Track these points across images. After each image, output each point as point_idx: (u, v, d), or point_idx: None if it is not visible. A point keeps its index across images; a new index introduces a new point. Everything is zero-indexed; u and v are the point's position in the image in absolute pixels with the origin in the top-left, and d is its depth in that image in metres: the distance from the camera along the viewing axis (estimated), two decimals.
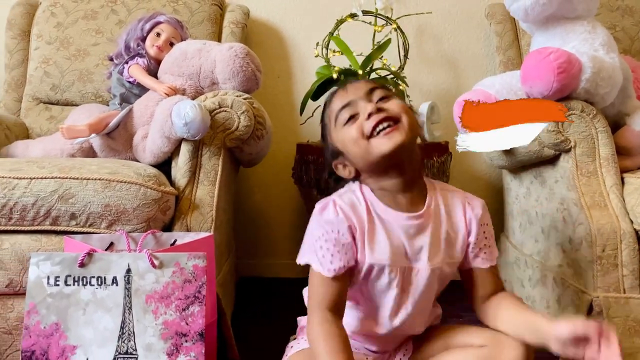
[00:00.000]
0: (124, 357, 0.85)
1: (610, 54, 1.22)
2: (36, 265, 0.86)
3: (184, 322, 0.86)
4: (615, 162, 1.15)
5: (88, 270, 0.86)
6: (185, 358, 0.86)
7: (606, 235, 1.09)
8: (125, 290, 0.86)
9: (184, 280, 0.87)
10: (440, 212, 0.87)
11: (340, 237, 0.82)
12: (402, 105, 0.82)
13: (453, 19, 1.88)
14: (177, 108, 1.10)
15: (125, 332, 0.85)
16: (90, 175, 1.04)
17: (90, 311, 0.85)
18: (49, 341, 0.84)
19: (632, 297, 1.08)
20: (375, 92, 0.84)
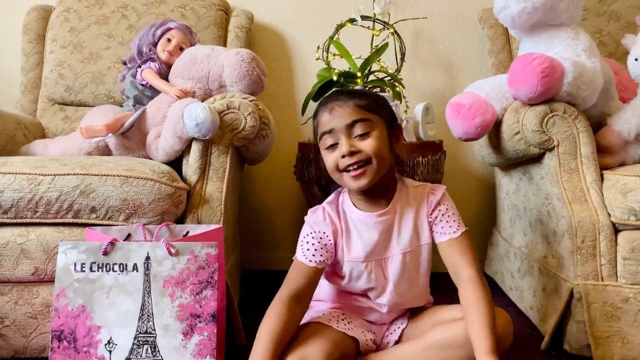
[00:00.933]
0: (143, 336, 0.93)
1: (592, 59, 1.30)
2: (64, 253, 0.94)
3: (198, 304, 0.95)
4: (595, 159, 1.24)
5: (111, 258, 0.95)
6: (199, 337, 0.94)
7: (585, 227, 1.18)
8: (145, 275, 0.95)
9: (197, 267, 0.96)
10: (406, 203, 1.01)
11: (324, 238, 0.99)
12: (375, 145, 0.94)
13: (448, 23, 1.96)
14: (189, 110, 1.19)
15: (145, 313, 0.94)
16: (109, 172, 1.13)
17: (113, 295, 0.94)
18: (76, 322, 0.93)
19: (609, 284, 1.16)
20: (356, 126, 0.95)
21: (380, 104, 1.01)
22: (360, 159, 0.94)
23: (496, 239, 1.77)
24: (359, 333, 1.01)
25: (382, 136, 0.97)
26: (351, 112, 0.96)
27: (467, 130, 1.33)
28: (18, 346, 1.14)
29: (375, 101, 1.01)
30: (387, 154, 0.97)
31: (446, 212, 1.01)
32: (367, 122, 0.96)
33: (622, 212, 1.15)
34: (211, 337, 0.95)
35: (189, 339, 0.95)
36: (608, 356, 1.14)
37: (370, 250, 0.99)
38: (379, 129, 0.97)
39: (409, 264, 1.01)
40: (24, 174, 1.12)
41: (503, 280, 1.68)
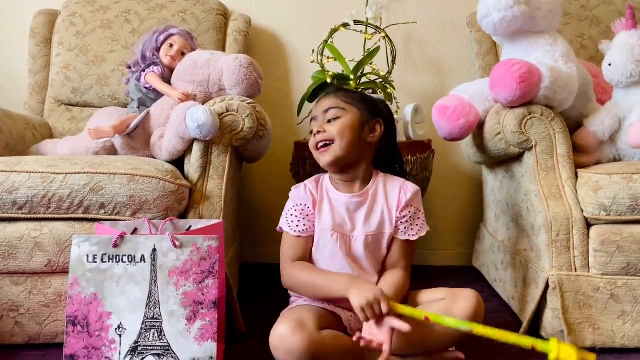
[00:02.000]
0: (151, 321, 1.02)
1: (569, 64, 1.39)
2: (77, 245, 1.03)
3: (200, 292, 1.04)
4: (570, 159, 1.33)
5: (120, 250, 1.03)
6: (201, 322, 1.03)
7: (560, 222, 1.26)
8: (152, 266, 1.03)
9: (200, 258, 1.04)
10: (379, 193, 1.15)
11: (305, 209, 1.15)
12: (339, 129, 1.11)
13: (438, 27, 2.05)
14: (191, 112, 1.27)
15: (152, 300, 1.02)
16: (117, 171, 1.22)
17: (122, 284, 1.02)
18: (89, 308, 1.02)
19: (581, 275, 1.25)
20: (329, 112, 1.13)
21: (360, 99, 1.17)
22: (325, 137, 1.12)
23: (483, 234, 1.86)
24: (339, 310, 1.11)
25: (350, 123, 1.13)
26: (329, 102, 1.15)
27: (452, 131, 1.41)
28: (32, 333, 1.23)
29: (356, 96, 1.18)
30: (352, 139, 1.12)
31: (414, 215, 1.15)
32: (339, 109, 1.14)
33: (594, 208, 1.24)
34: (212, 322, 1.04)
35: (192, 324, 1.03)
36: (580, 341, 1.23)
37: (337, 223, 1.13)
38: (350, 117, 1.13)
39: (372, 247, 1.14)
40: (38, 172, 1.20)
41: (489, 272, 1.77)
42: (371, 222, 1.14)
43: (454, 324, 0.94)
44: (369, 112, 1.16)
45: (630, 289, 1.24)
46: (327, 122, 1.14)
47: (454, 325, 0.94)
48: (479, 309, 1.03)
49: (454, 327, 0.94)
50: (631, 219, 1.23)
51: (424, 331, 1.03)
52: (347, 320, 1.12)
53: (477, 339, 1.17)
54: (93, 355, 1.00)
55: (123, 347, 1.01)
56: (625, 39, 1.40)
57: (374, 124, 1.16)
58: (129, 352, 1.01)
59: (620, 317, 1.24)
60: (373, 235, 1.14)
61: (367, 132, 1.15)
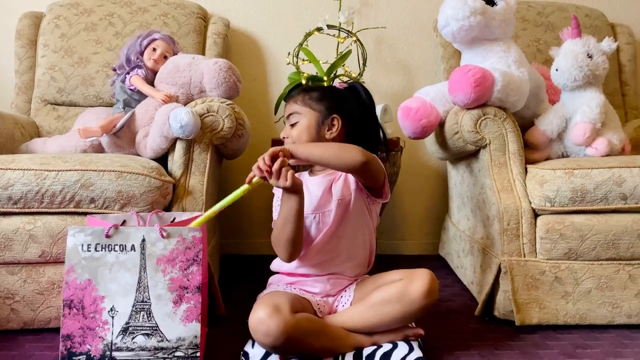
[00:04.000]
0: (140, 304, 1.12)
1: (521, 69, 1.52)
2: (73, 235, 1.12)
3: (186, 278, 1.14)
4: (520, 155, 1.46)
5: (112, 240, 1.13)
6: (186, 305, 1.14)
7: (511, 212, 1.40)
8: (141, 254, 1.13)
9: (185, 247, 1.15)
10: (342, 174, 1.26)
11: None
12: (298, 134, 1.26)
13: (406, 31, 2.17)
14: (174, 113, 1.38)
15: (142, 285, 1.13)
16: (106, 168, 1.31)
17: (114, 270, 1.12)
18: (84, 293, 1.12)
19: (529, 260, 1.39)
20: (290, 117, 1.29)
21: (321, 98, 1.28)
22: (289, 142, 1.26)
23: (447, 224, 2.00)
24: (309, 296, 1.24)
25: (306, 127, 1.26)
26: (290, 106, 1.29)
27: (415, 130, 1.54)
28: (27, 319, 1.33)
29: (318, 95, 1.29)
30: (307, 140, 1.25)
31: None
32: (297, 114, 1.27)
33: (540, 200, 1.38)
34: (197, 305, 1.14)
35: (178, 306, 1.14)
36: (527, 319, 1.38)
37: (316, 204, 1.24)
38: (306, 121, 1.26)
39: (342, 213, 1.24)
40: (32, 170, 1.29)
41: (452, 260, 1.91)
42: (337, 188, 1.25)
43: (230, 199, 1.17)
44: (328, 110, 1.26)
45: (571, 272, 1.38)
46: (290, 126, 1.28)
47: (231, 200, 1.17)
48: (432, 285, 1.16)
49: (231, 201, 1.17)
50: (572, 210, 1.37)
51: (381, 309, 1.16)
52: (317, 304, 1.24)
53: (437, 319, 1.30)
54: (88, 335, 1.11)
55: (115, 327, 1.11)
56: (571, 46, 1.55)
57: (331, 120, 1.26)
58: (120, 332, 1.11)
59: (563, 297, 1.39)
60: (341, 199, 1.23)
61: (324, 130, 1.26)
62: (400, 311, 1.15)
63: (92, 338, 1.11)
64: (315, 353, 1.15)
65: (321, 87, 1.40)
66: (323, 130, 1.27)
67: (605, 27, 2.05)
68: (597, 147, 1.49)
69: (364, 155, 1.13)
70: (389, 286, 1.17)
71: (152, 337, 1.12)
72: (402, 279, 1.17)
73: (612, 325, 1.40)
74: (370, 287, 1.22)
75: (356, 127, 1.30)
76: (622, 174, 1.36)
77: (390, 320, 1.17)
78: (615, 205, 1.37)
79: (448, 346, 1.26)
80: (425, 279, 1.15)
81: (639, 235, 1.36)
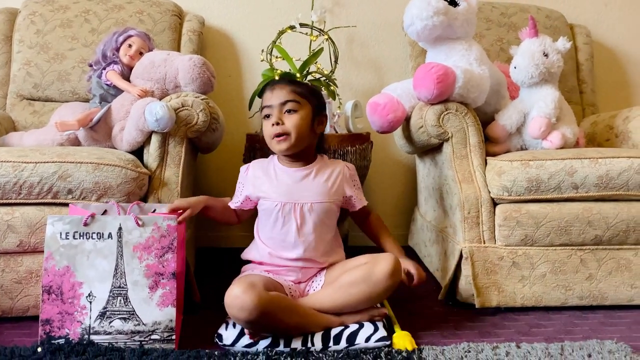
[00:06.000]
0: (117, 289, 1.18)
1: (482, 67, 1.61)
2: (52, 224, 1.17)
3: (161, 265, 1.20)
4: (481, 148, 1.55)
5: (90, 228, 1.18)
6: (162, 290, 1.19)
7: (471, 201, 1.49)
8: (118, 242, 1.19)
9: (160, 235, 1.20)
10: (324, 168, 1.35)
11: (240, 187, 1.41)
12: (296, 123, 1.28)
13: (377, 30, 2.25)
14: (149, 107, 1.42)
15: (118, 272, 1.18)
16: (83, 160, 1.36)
17: (92, 257, 1.18)
18: (62, 279, 1.16)
19: (489, 246, 1.48)
20: (287, 104, 1.29)
21: (311, 93, 1.35)
22: (283, 130, 1.29)
23: (416, 216, 2.09)
24: (282, 280, 1.31)
25: (305, 117, 1.31)
26: (286, 94, 1.31)
27: (382, 124, 1.62)
28: (5, 307, 1.36)
29: (307, 90, 1.35)
30: (305, 132, 1.31)
31: (358, 190, 1.41)
32: (296, 103, 1.30)
33: (498, 189, 1.47)
34: (172, 290, 1.20)
35: (154, 292, 1.19)
36: (487, 302, 1.46)
37: (283, 193, 1.32)
38: (305, 111, 1.31)
39: (319, 215, 1.32)
40: (9, 162, 1.32)
41: (420, 250, 1.99)
42: (317, 192, 1.32)
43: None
44: (318, 107, 1.36)
45: (528, 257, 1.47)
46: (283, 112, 1.30)
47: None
48: (395, 267, 1.24)
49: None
50: (528, 198, 1.46)
51: (348, 290, 1.23)
52: (289, 288, 1.31)
53: (402, 303, 1.38)
54: (66, 319, 1.15)
55: (93, 312, 1.16)
56: (528, 45, 1.64)
57: (322, 117, 1.36)
58: (98, 317, 1.16)
59: (520, 281, 1.48)
60: (319, 204, 1.32)
61: (316, 125, 1.35)
62: (366, 291, 1.23)
63: (71, 322, 1.16)
64: (287, 330, 1.21)
65: (306, 84, 1.45)
66: (315, 124, 1.35)
67: (564, 28, 2.16)
68: (552, 140, 1.59)
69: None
70: (356, 269, 1.25)
71: (129, 321, 1.17)
72: (367, 262, 1.25)
73: (565, 307, 1.50)
74: (338, 271, 1.29)
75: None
76: (573, 165, 1.45)
77: (357, 301, 1.24)
78: (568, 194, 1.46)
79: (412, 327, 1.33)
80: (389, 262, 1.23)
81: (589, 223, 1.46)
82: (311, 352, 1.17)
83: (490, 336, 1.33)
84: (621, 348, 1.21)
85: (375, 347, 1.21)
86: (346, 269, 1.29)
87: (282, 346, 1.20)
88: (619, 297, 1.49)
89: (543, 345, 1.22)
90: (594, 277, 1.49)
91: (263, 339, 1.21)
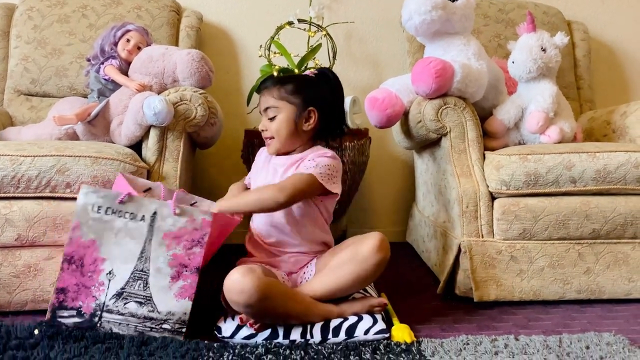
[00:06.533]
0: (139, 273, 1.15)
1: (480, 61, 1.61)
2: (85, 194, 1.15)
3: (187, 257, 1.18)
4: (479, 142, 1.55)
5: (125, 207, 1.15)
6: (183, 282, 1.17)
7: (469, 195, 1.49)
8: (150, 226, 1.16)
9: (193, 228, 1.18)
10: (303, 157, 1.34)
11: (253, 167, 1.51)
12: (275, 128, 1.35)
13: (375, 26, 2.25)
14: (148, 101, 1.42)
15: (144, 256, 1.16)
16: (81, 154, 1.35)
17: (120, 236, 1.15)
18: (86, 251, 1.14)
19: (487, 240, 1.48)
20: (267, 111, 1.35)
21: (296, 91, 1.34)
22: (267, 135, 1.37)
23: (414, 212, 2.09)
24: (275, 270, 1.32)
25: (285, 120, 1.34)
26: (266, 100, 1.35)
27: (381, 119, 1.62)
28: (2, 301, 1.35)
29: (291, 89, 1.34)
30: (288, 133, 1.34)
31: (313, 159, 1.32)
32: (275, 108, 1.34)
33: (496, 184, 1.47)
34: (192, 284, 1.18)
35: (175, 282, 1.17)
36: (485, 296, 1.47)
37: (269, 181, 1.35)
38: (285, 114, 1.34)
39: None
40: (7, 155, 1.32)
41: (418, 246, 2.00)
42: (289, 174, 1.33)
43: None
44: (304, 102, 1.34)
45: (526, 251, 1.48)
46: (268, 120, 1.35)
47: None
48: (382, 243, 1.24)
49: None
50: (526, 192, 1.47)
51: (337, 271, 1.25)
52: (282, 278, 1.32)
53: (401, 297, 1.37)
54: (82, 292, 1.14)
55: (110, 290, 1.15)
56: (526, 40, 1.64)
57: (308, 113, 1.35)
58: (114, 296, 1.15)
59: (518, 275, 1.48)
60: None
61: (302, 123, 1.35)
62: (355, 271, 1.23)
63: (86, 296, 1.15)
64: (287, 316, 1.21)
65: (295, 78, 1.44)
66: (301, 122, 1.35)
67: (561, 24, 2.16)
68: (550, 135, 1.59)
69: (283, 196, 1.22)
70: (342, 251, 1.27)
71: (144, 306, 1.16)
72: (354, 242, 1.26)
73: (563, 301, 1.51)
74: (328, 258, 1.30)
75: (329, 115, 1.38)
76: (571, 159, 1.46)
77: (347, 282, 1.24)
78: (566, 188, 1.47)
79: (410, 321, 1.33)
80: (375, 238, 1.24)
81: (586, 216, 1.46)
82: (310, 345, 1.17)
83: (489, 329, 1.33)
84: (619, 340, 1.21)
85: (375, 340, 1.21)
86: (334, 253, 1.30)
87: (281, 338, 1.20)
88: (616, 291, 1.50)
89: (541, 338, 1.22)
90: (592, 271, 1.49)
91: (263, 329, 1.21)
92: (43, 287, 1.36)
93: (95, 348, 1.10)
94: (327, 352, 1.14)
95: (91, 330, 1.14)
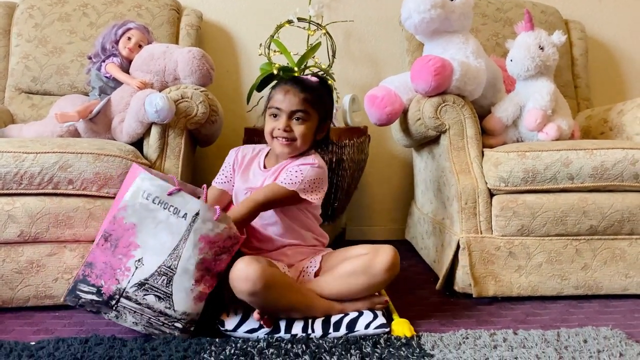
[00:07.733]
0: (166, 269, 1.15)
1: (478, 60, 1.63)
2: (142, 179, 1.15)
3: (214, 262, 1.18)
4: (478, 139, 1.57)
5: (172, 200, 1.15)
6: (203, 286, 1.18)
7: (468, 192, 1.50)
8: (189, 225, 1.15)
9: (227, 236, 1.18)
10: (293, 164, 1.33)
11: (227, 167, 1.45)
12: (303, 133, 1.33)
13: (374, 25, 2.27)
14: (149, 99, 1.43)
15: (175, 253, 1.15)
16: (84, 151, 1.36)
17: (159, 228, 1.14)
18: (124, 233, 1.14)
19: (485, 236, 1.50)
20: (297, 113, 1.32)
21: (321, 100, 1.36)
22: (290, 137, 1.33)
23: (413, 209, 2.10)
24: (275, 262, 1.33)
25: (311, 127, 1.34)
26: (298, 102, 1.31)
27: (380, 117, 1.63)
28: (5, 297, 1.36)
29: (318, 97, 1.35)
30: (310, 139, 1.35)
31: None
32: (306, 113, 1.32)
33: (495, 180, 1.49)
34: (210, 288, 1.19)
35: (197, 285, 1.17)
36: (484, 291, 1.48)
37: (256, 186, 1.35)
38: (312, 121, 1.34)
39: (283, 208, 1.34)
40: (10, 152, 1.33)
41: (417, 243, 2.01)
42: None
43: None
44: (325, 115, 1.38)
45: (524, 247, 1.49)
46: (293, 119, 1.32)
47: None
48: (395, 260, 1.26)
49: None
50: (524, 189, 1.48)
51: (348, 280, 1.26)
52: (283, 269, 1.33)
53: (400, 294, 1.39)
54: (107, 272, 1.14)
55: (134, 278, 1.14)
56: (524, 39, 1.66)
57: (325, 126, 1.39)
58: (136, 284, 1.14)
59: (516, 270, 1.50)
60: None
61: (319, 132, 1.38)
62: (365, 282, 1.25)
63: (110, 277, 1.14)
64: (290, 307, 1.23)
65: (321, 87, 1.41)
66: (318, 132, 1.38)
67: (559, 23, 2.18)
68: (548, 132, 1.61)
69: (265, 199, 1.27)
70: (356, 259, 1.27)
71: (162, 302, 1.16)
72: (368, 253, 1.26)
73: (561, 296, 1.52)
74: (337, 260, 1.31)
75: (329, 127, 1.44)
76: (569, 156, 1.47)
77: (356, 290, 1.27)
78: (563, 184, 1.48)
79: (410, 316, 1.34)
80: (389, 254, 1.25)
81: (584, 213, 1.48)
82: (311, 339, 1.18)
83: (488, 324, 1.34)
84: (616, 334, 1.23)
85: (375, 334, 1.22)
86: (346, 256, 1.31)
87: (282, 332, 1.21)
88: (613, 287, 1.51)
89: (540, 332, 1.24)
90: (589, 266, 1.51)
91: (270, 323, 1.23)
92: (45, 283, 1.36)
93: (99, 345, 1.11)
94: (328, 346, 1.15)
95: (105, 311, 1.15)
